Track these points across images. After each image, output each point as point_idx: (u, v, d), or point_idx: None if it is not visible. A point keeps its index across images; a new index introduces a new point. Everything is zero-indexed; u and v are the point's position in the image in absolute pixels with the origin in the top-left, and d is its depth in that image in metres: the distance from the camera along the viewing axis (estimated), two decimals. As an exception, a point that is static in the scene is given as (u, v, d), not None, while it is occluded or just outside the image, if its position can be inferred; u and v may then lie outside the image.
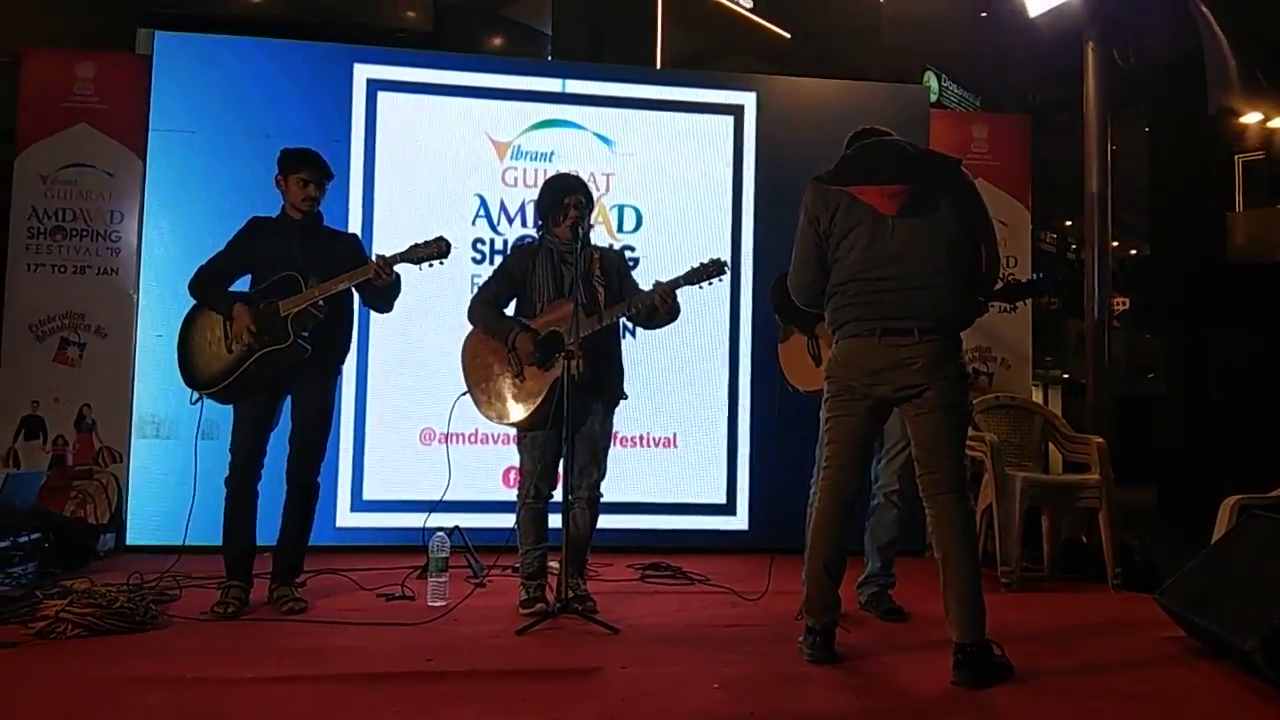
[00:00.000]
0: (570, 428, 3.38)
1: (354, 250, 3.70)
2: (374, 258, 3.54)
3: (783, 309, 3.75)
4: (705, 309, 5.19)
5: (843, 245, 2.91)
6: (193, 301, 3.63)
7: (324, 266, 3.53)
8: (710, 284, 3.50)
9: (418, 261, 3.51)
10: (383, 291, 3.59)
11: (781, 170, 5.30)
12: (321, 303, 3.48)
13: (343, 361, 3.71)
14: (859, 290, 2.88)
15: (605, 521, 3.70)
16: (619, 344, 3.73)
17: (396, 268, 3.54)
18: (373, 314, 3.84)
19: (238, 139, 5.02)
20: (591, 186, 3.79)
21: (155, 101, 5.08)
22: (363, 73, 5.25)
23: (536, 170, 5.31)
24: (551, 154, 5.36)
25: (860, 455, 2.97)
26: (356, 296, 3.71)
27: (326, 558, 4.32)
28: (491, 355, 3.62)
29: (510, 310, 3.71)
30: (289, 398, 3.61)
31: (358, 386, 5.07)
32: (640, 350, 4.94)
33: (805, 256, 3.01)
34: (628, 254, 4.63)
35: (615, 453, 3.70)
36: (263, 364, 3.46)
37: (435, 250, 3.50)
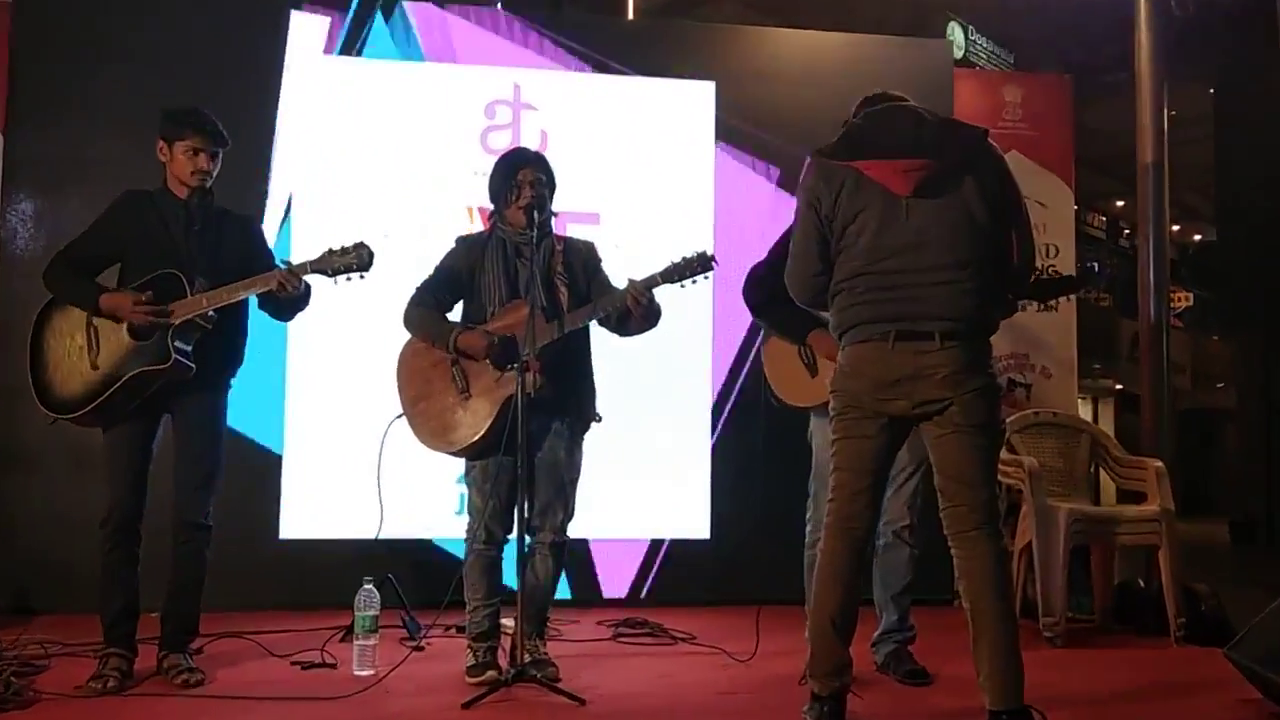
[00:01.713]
0: (527, 456, 3.37)
1: (253, 239, 3.65)
2: (279, 266, 3.50)
3: (761, 309, 3.75)
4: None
5: (849, 232, 2.92)
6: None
7: (216, 260, 3.46)
8: (693, 282, 3.50)
9: (333, 274, 3.47)
10: (286, 303, 3.57)
11: (777, 142, 5.33)
12: (211, 312, 3.42)
13: (233, 375, 3.66)
14: (869, 286, 2.88)
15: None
16: (588, 356, 3.74)
17: (308, 277, 3.51)
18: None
19: (121, 105, 4.96)
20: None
21: (17, 60, 5.02)
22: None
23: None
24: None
25: (873, 485, 2.94)
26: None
27: (227, 617, 4.25)
28: (431, 369, 3.62)
29: (455, 317, 3.71)
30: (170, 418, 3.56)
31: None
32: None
33: (805, 246, 3.00)
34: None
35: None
36: (134, 388, 3.39)
37: (354, 260, 3.45)
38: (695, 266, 3.47)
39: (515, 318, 3.52)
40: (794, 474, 3.82)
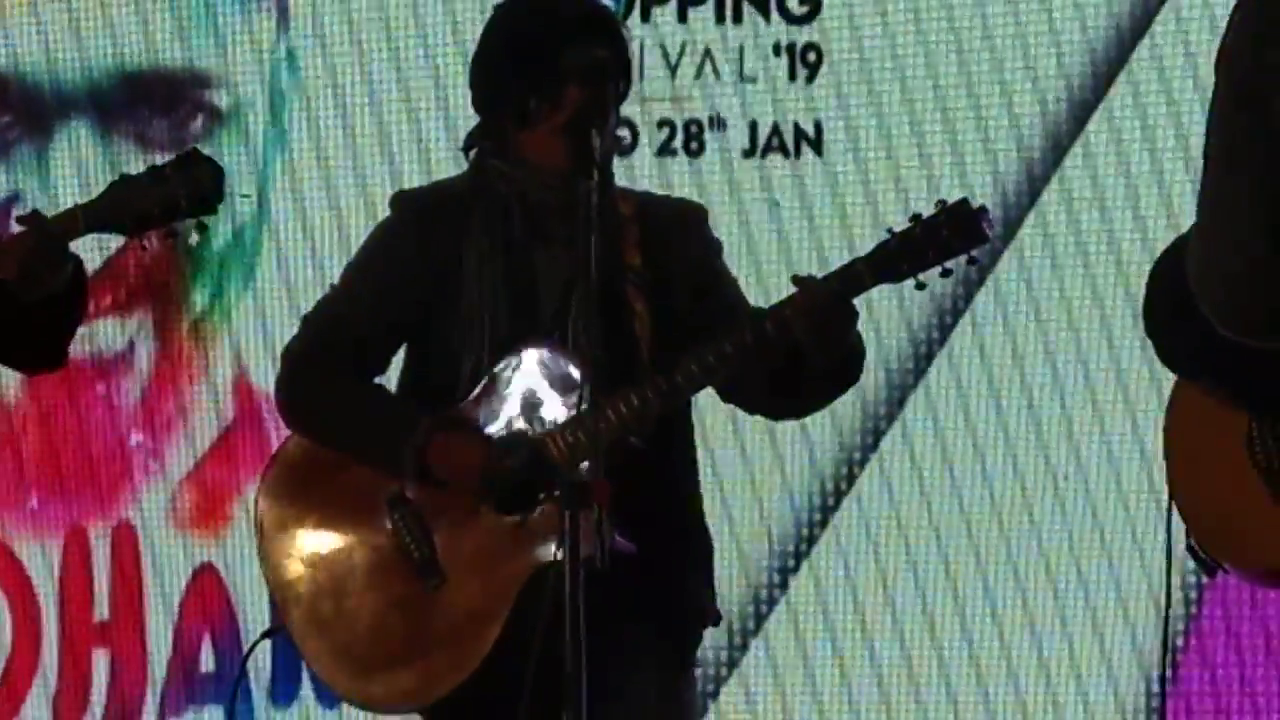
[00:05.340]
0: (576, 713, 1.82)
1: None
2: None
3: (1170, 340, 2.08)
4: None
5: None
6: None
7: None
8: (943, 269, 2.00)
9: (135, 226, 2.04)
10: (41, 305, 2.05)
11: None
12: None
13: None
14: None
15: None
16: (690, 465, 2.15)
17: (79, 244, 2.12)
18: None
19: None
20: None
21: None
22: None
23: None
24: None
25: None
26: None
27: None
28: (344, 517, 2.13)
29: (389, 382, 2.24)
30: None
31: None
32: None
33: (1235, 184, 1.35)
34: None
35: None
36: None
37: (180, 191, 2.02)
38: (942, 236, 1.95)
39: (523, 383, 2.03)
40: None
